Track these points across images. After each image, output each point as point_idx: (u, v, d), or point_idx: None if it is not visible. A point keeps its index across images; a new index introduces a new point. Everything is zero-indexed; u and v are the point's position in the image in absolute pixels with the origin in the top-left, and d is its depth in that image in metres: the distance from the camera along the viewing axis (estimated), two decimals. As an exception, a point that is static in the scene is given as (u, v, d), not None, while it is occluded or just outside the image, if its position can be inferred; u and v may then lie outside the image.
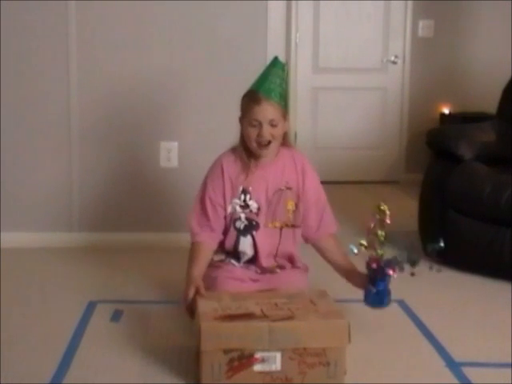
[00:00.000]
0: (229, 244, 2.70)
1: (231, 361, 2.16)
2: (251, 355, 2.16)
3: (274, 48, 3.57)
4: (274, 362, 2.18)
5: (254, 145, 2.58)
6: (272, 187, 2.65)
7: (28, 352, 2.49)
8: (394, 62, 5.73)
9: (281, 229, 2.67)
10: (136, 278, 3.29)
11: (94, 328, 2.71)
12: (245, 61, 3.68)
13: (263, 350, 2.16)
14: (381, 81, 5.77)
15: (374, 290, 2.52)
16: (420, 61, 5.74)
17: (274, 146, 2.59)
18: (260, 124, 2.54)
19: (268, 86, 2.55)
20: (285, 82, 2.63)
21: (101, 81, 3.71)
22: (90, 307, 2.91)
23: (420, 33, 5.72)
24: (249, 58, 3.69)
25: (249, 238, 2.67)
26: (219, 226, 2.67)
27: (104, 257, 3.60)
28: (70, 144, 3.75)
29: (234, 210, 2.65)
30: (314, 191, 2.72)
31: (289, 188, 2.66)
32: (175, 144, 3.75)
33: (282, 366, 2.18)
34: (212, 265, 2.72)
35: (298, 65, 5.69)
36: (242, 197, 2.64)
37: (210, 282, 2.64)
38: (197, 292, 2.43)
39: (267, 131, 2.54)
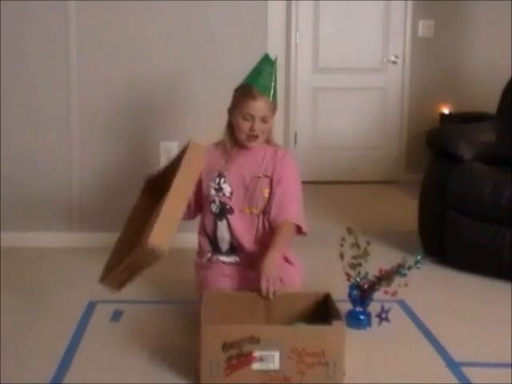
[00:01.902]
0: (209, 228, 2.75)
1: (230, 359, 2.17)
2: (249, 353, 2.17)
3: (274, 48, 3.56)
4: (273, 361, 2.19)
5: (243, 136, 2.67)
6: (249, 174, 2.70)
7: (28, 352, 2.49)
8: (394, 62, 5.73)
9: (258, 216, 2.70)
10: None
11: (94, 328, 2.71)
12: (245, 61, 3.65)
13: (261, 349, 2.17)
14: (381, 81, 5.76)
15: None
16: (420, 61, 5.74)
17: (261, 139, 2.69)
18: (253, 118, 2.63)
19: (263, 83, 2.65)
20: (275, 80, 2.71)
21: (100, 81, 3.71)
22: (90, 307, 2.91)
23: (420, 33, 5.71)
24: (249, 57, 3.66)
25: (224, 222, 2.71)
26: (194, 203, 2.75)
27: (104, 257, 3.56)
28: (70, 144, 3.75)
29: (209, 192, 2.71)
30: (288, 179, 2.70)
31: (266, 176, 2.70)
32: (175, 144, 3.75)
33: (281, 365, 2.19)
34: (201, 265, 2.78)
35: (298, 65, 5.69)
36: (217, 180, 2.71)
37: (201, 282, 2.72)
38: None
39: (259, 126, 2.64)
